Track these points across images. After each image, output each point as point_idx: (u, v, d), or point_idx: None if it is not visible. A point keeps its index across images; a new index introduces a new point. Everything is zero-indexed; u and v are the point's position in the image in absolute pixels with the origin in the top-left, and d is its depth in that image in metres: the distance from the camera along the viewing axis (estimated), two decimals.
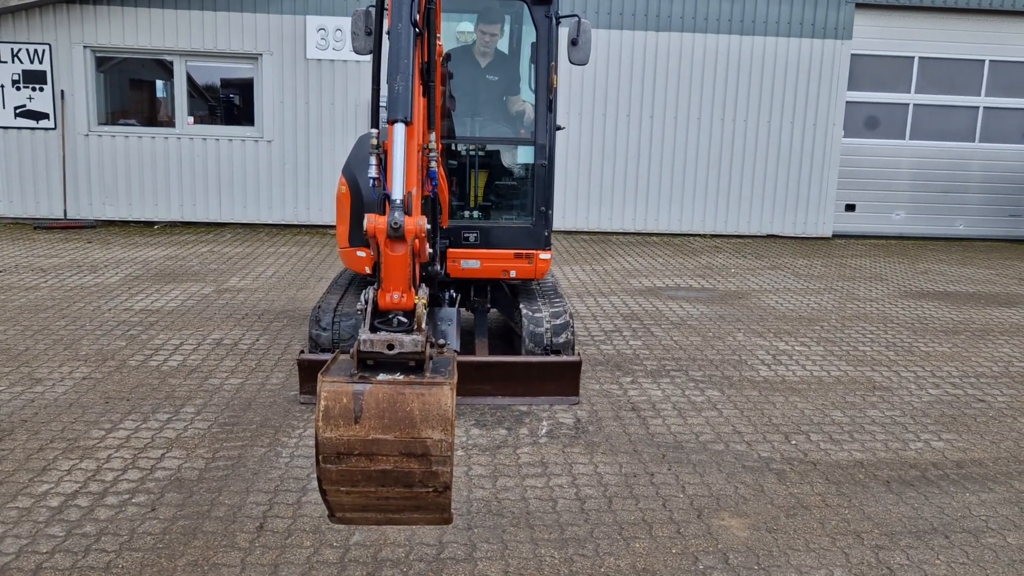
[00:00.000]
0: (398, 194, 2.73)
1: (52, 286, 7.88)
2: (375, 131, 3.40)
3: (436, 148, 4.01)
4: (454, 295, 5.62)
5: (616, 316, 7.45)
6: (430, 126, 4.05)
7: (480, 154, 5.81)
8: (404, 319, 2.61)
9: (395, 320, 2.61)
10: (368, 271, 5.38)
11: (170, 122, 12.29)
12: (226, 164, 12.21)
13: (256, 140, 12.19)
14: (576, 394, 5.11)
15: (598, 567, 3.23)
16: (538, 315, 5.39)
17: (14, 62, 11.64)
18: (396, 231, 2.62)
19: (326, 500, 2.52)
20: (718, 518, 3.67)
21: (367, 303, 2.66)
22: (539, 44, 5.40)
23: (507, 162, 6.00)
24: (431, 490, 2.46)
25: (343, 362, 2.55)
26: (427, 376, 2.45)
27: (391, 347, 2.45)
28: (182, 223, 12.27)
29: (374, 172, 3.35)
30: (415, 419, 2.38)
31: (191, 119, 12.26)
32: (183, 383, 5.25)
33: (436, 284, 5.11)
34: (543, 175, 5.52)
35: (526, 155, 5.82)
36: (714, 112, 12.78)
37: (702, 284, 9.17)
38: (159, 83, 12.82)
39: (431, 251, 3.90)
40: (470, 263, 5.50)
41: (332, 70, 12.06)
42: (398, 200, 2.70)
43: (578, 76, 12.04)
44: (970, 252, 12.57)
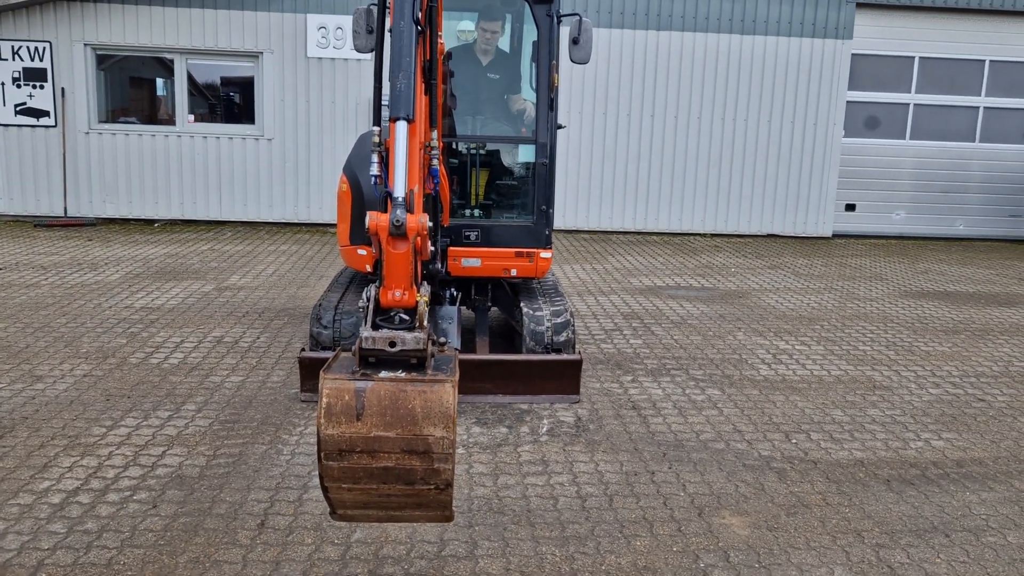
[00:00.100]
0: (400, 192, 2.73)
1: (52, 284, 7.88)
2: (377, 129, 3.40)
3: (438, 146, 4.01)
4: (455, 293, 5.62)
5: (616, 315, 7.46)
6: (432, 124, 4.05)
7: (481, 153, 5.81)
8: (406, 316, 2.61)
9: (397, 318, 2.61)
10: (369, 269, 5.38)
11: (170, 120, 12.29)
12: (226, 162, 12.21)
13: (256, 138, 12.18)
14: (577, 392, 5.11)
15: (599, 565, 3.24)
16: (539, 313, 5.39)
17: (15, 60, 11.64)
18: (398, 229, 2.63)
19: (328, 497, 2.52)
20: (719, 516, 3.68)
21: (369, 300, 2.66)
22: (540, 43, 5.39)
23: (508, 161, 5.99)
24: (433, 487, 2.46)
25: (345, 359, 2.55)
26: (429, 374, 2.45)
27: (393, 344, 2.45)
28: (182, 221, 12.27)
29: (376, 170, 3.34)
30: (417, 416, 2.38)
31: (191, 117, 12.26)
32: (184, 381, 5.25)
33: (437, 282, 5.11)
34: (544, 174, 5.51)
35: (527, 154, 5.82)
36: (714, 111, 12.78)
37: (702, 283, 9.17)
38: (159, 81, 12.81)
39: (432, 249, 3.90)
40: (471, 261, 5.50)
41: (333, 68, 12.06)
42: (400, 198, 2.71)
43: (578, 75, 12.05)
44: (970, 252, 12.58)
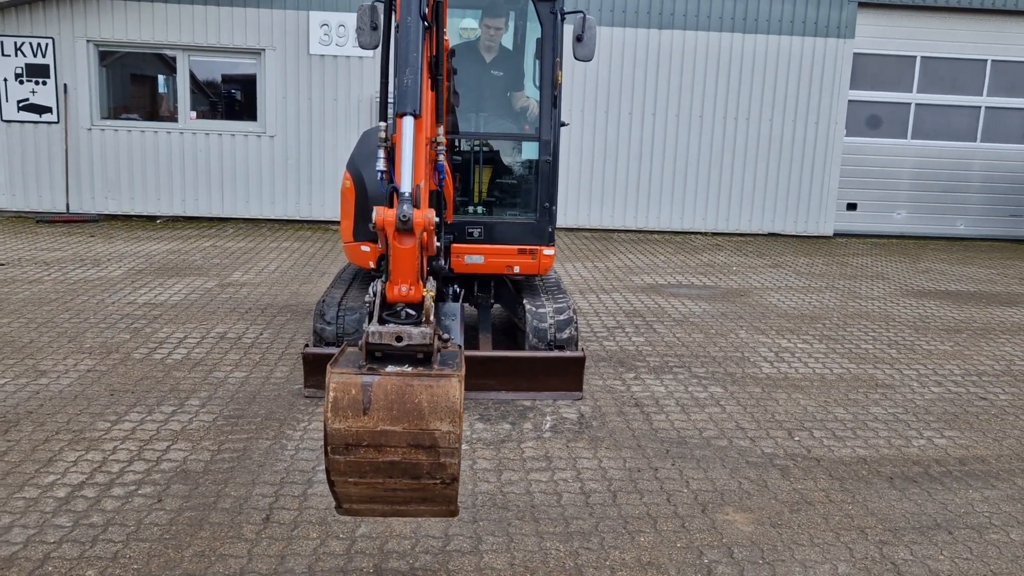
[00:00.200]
0: (406, 187, 2.74)
1: (55, 279, 7.88)
2: (383, 124, 3.40)
3: (443, 142, 4.02)
4: (458, 290, 5.63)
5: (618, 312, 7.46)
6: (438, 120, 4.06)
7: (484, 150, 5.81)
8: (412, 311, 2.62)
9: (403, 312, 2.62)
10: (372, 266, 5.39)
11: (172, 117, 12.30)
12: (228, 159, 12.21)
13: (259, 135, 12.19)
14: (580, 389, 5.12)
15: (603, 560, 3.25)
16: (542, 311, 5.40)
17: (17, 56, 11.65)
18: (405, 224, 2.63)
19: (334, 491, 2.53)
20: (722, 513, 3.68)
21: (375, 295, 2.67)
22: (544, 40, 5.39)
23: (511, 158, 5.99)
24: (439, 482, 2.47)
25: (352, 354, 2.56)
26: (435, 368, 2.46)
27: (399, 339, 2.46)
28: (184, 218, 12.28)
29: (382, 165, 3.35)
30: (423, 411, 2.39)
31: (193, 114, 12.26)
32: (187, 376, 5.26)
33: (440, 279, 5.11)
34: (547, 171, 5.51)
35: (530, 151, 5.82)
36: (716, 110, 12.78)
37: (704, 282, 9.18)
38: (161, 78, 12.82)
39: (438, 244, 3.91)
40: (474, 258, 5.50)
41: (335, 66, 12.06)
42: (406, 193, 2.71)
43: (580, 73, 12.05)
44: (971, 252, 12.58)
